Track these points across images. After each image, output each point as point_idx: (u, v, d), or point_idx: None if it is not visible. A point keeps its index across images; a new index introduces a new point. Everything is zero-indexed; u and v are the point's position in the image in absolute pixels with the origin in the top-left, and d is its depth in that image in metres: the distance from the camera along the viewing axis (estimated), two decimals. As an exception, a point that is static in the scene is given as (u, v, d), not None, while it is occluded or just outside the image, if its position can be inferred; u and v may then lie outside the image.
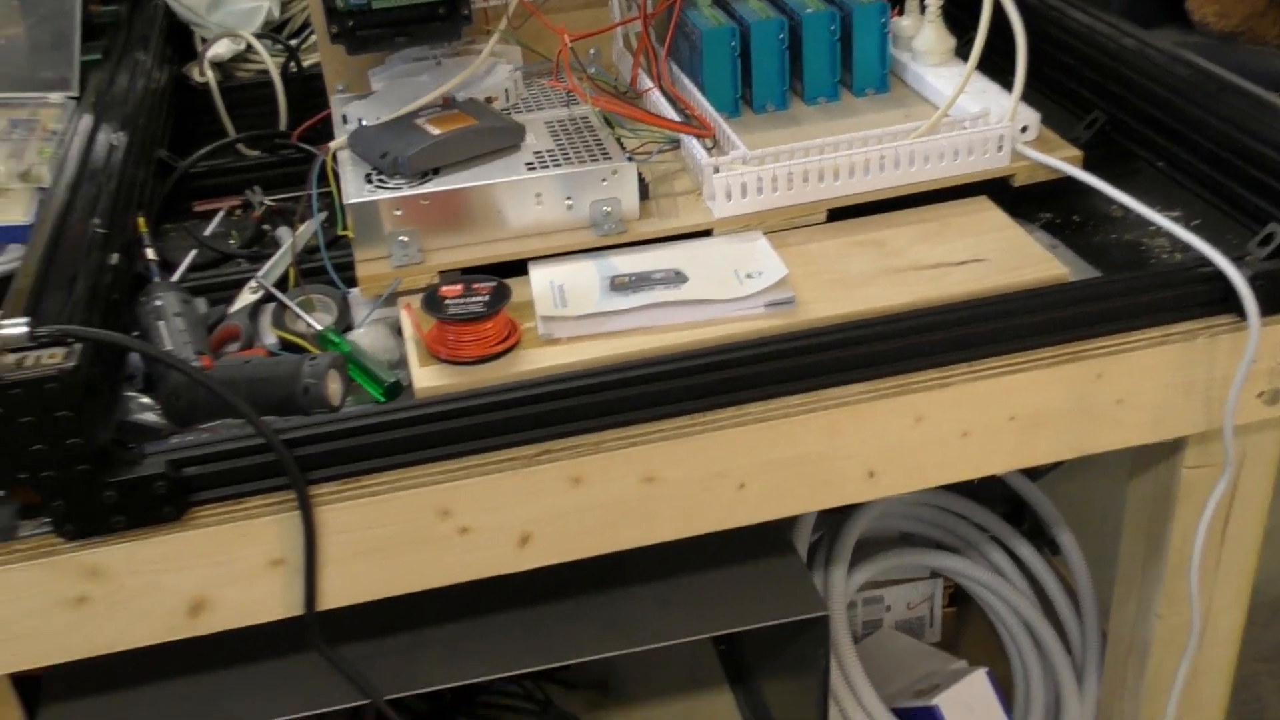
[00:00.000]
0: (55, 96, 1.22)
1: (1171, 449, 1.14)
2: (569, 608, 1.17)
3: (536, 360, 0.97)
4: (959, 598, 1.63)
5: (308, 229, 1.13)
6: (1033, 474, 1.53)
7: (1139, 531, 1.24)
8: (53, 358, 0.82)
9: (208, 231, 1.21)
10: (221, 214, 1.23)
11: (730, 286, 1.01)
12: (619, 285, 1.02)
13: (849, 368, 0.98)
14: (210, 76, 1.46)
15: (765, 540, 1.22)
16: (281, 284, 1.10)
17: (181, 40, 1.56)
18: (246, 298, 1.08)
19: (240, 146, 1.39)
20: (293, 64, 1.46)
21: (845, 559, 1.37)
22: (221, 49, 1.50)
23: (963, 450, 1.02)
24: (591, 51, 1.35)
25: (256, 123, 1.45)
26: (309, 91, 1.45)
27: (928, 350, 0.99)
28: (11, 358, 0.82)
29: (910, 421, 1.00)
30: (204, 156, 1.31)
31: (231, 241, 1.21)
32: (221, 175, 1.32)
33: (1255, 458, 1.13)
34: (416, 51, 1.28)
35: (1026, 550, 1.50)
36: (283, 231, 1.22)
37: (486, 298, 0.97)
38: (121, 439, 0.88)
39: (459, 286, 0.98)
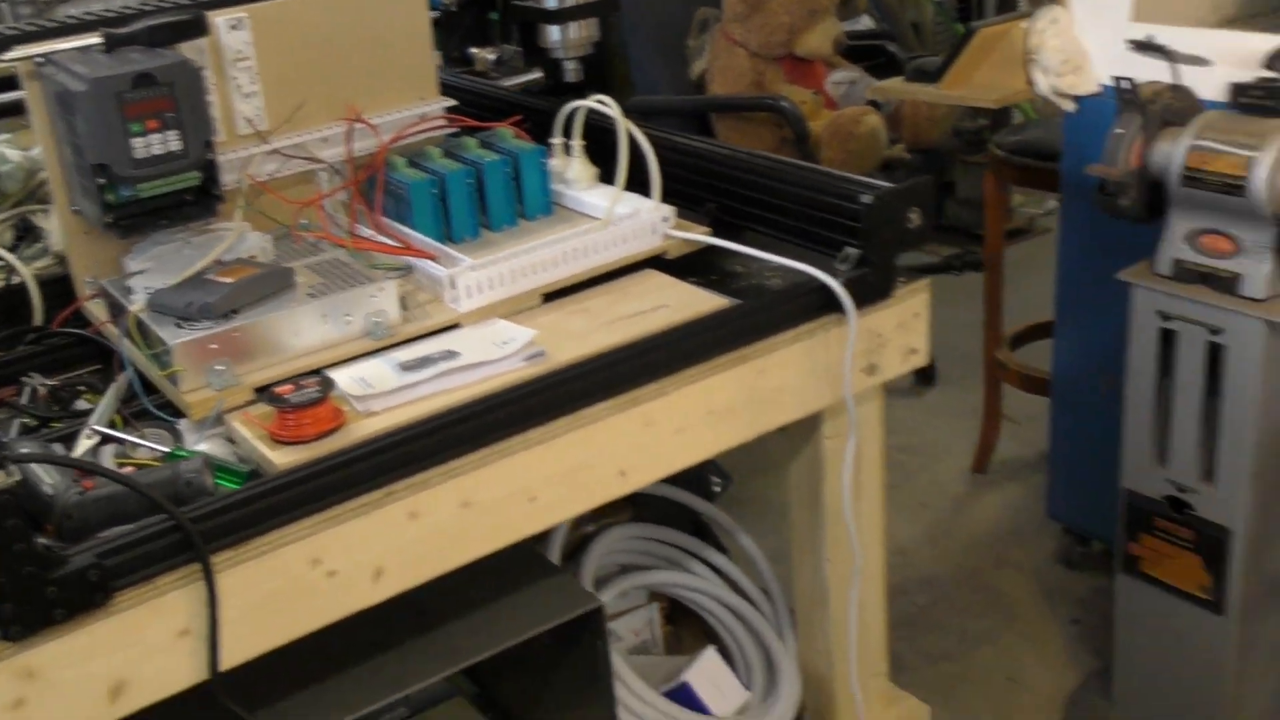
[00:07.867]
0: None
1: (813, 427, 1.56)
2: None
3: (364, 430, 1.24)
4: (673, 618, 1.97)
5: (123, 381, 1.33)
6: (708, 495, 1.92)
7: (802, 500, 1.65)
8: (-2, 478, 1.00)
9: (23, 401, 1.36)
10: (27, 396, 1.37)
11: (494, 352, 1.33)
12: (408, 366, 1.31)
13: (594, 392, 1.32)
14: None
15: (526, 565, 1.51)
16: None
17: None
18: (85, 444, 1.26)
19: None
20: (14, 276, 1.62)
21: (591, 583, 1.68)
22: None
23: (682, 443, 1.39)
24: (303, 222, 1.63)
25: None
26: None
27: (648, 371, 1.35)
28: (-41, 481, 0.98)
29: (642, 426, 1.35)
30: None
31: (28, 420, 1.36)
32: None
33: (866, 421, 1.58)
34: (163, 236, 1.51)
35: (719, 558, 1.87)
36: (80, 402, 1.39)
37: (317, 386, 1.22)
38: (49, 545, 1.05)
39: (289, 385, 1.23)
